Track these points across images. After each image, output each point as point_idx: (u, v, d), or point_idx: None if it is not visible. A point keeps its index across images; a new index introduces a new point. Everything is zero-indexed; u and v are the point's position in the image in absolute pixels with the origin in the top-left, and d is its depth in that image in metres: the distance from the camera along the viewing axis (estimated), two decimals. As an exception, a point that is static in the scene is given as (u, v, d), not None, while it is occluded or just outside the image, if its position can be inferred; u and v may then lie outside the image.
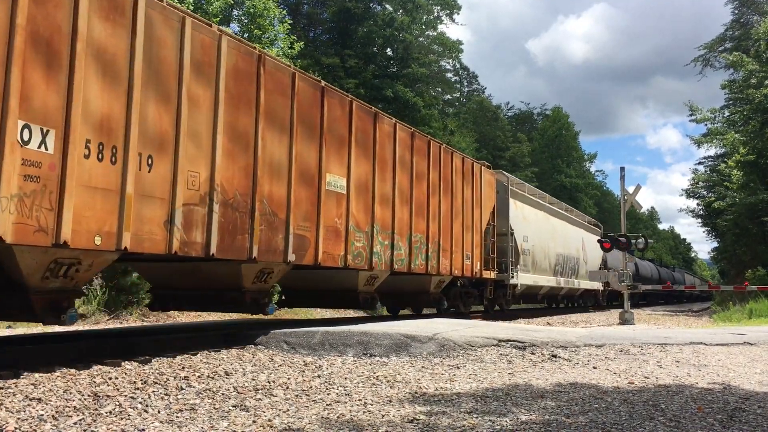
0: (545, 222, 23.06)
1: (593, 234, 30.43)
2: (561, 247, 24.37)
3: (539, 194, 24.28)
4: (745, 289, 21.94)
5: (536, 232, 21.44)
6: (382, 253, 11.87)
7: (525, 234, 20.08)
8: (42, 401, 4.93)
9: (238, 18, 22.81)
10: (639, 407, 5.25)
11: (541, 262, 21.96)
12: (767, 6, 37.89)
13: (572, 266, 26.03)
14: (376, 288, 12.64)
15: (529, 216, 21.23)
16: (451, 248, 14.65)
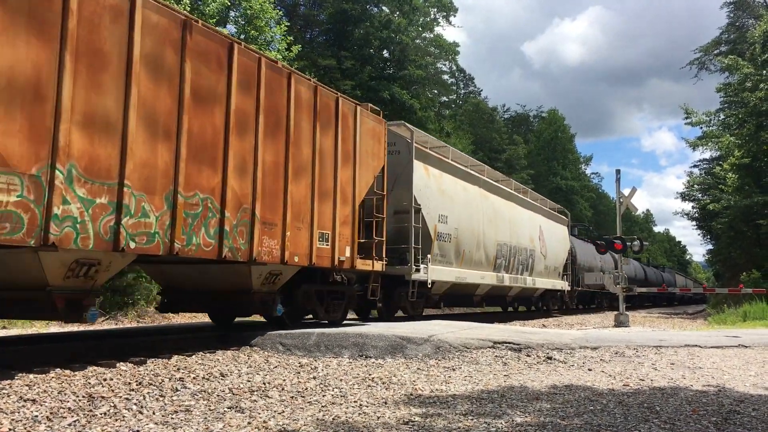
0: (480, 200, 17.37)
1: (557, 222, 25.71)
2: (506, 235, 18.89)
3: (473, 164, 18.58)
4: (739, 291, 21.99)
5: (464, 212, 16.01)
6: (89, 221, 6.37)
7: (442, 213, 14.72)
8: (36, 402, 4.92)
9: (235, 19, 22.79)
10: (634, 409, 5.26)
11: (473, 253, 16.57)
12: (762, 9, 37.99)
13: (524, 260, 20.56)
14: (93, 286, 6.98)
15: (452, 189, 15.64)
16: (283, 223, 9.23)
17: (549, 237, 23.50)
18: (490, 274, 17.84)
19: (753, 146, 29.75)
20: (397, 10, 38.43)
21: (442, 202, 14.91)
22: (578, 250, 29.85)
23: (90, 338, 8.43)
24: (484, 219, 17.39)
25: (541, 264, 22.45)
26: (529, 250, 21.06)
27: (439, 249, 14.69)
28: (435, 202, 14.54)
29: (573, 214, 62.51)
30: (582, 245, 31.76)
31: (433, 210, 14.45)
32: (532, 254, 21.41)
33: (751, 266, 31.19)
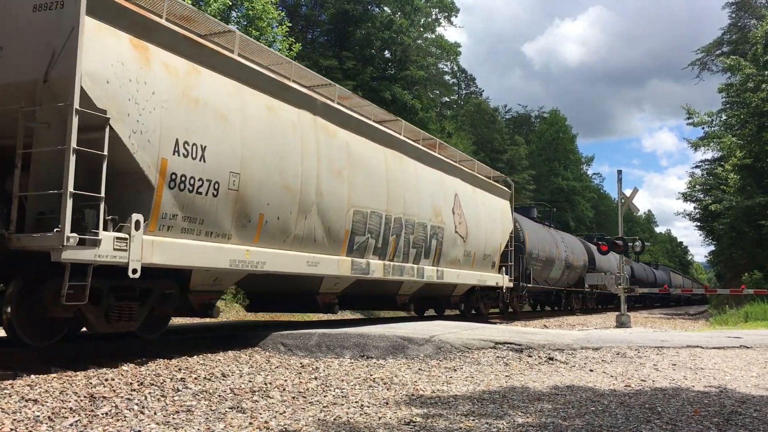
0: (315, 137, 10.16)
1: (491, 194, 17.92)
2: (378, 199, 11.81)
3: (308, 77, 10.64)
4: (741, 292, 21.97)
5: (261, 148, 8.84)
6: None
7: (189, 138, 7.60)
8: (38, 402, 4.92)
9: (237, 20, 22.81)
10: (635, 410, 5.25)
11: (288, 222, 9.44)
12: (764, 10, 37.96)
13: (421, 241, 13.43)
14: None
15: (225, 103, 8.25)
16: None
17: (474, 212, 16.05)
18: (339, 260, 10.72)
19: (755, 147, 29.73)
20: (398, 11, 38.45)
21: (191, 120, 7.64)
22: (528, 235, 22.24)
23: (91, 338, 8.44)
24: (324, 169, 10.16)
25: (457, 249, 15.06)
26: (431, 228, 13.68)
27: (177, 205, 7.47)
28: (163, 115, 7.23)
29: (575, 214, 62.61)
30: (536, 230, 24.14)
31: (156, 128, 7.15)
32: (437, 234, 14.02)
33: (752, 267, 31.18)
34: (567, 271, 26.87)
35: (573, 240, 30.32)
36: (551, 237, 25.78)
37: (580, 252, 29.40)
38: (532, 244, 22.61)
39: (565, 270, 26.48)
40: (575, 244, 29.65)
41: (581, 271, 28.71)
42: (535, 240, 23.04)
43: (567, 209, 61.59)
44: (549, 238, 25.16)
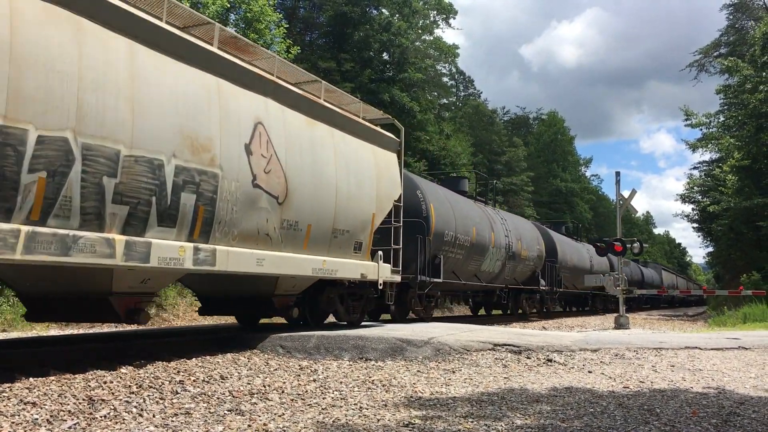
0: None
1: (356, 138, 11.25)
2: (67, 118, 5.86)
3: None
4: (739, 293, 21.99)
5: None
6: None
7: None
8: (37, 405, 4.92)
9: (235, 22, 22.82)
10: (634, 411, 5.26)
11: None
12: (762, 12, 38.03)
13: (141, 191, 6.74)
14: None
15: None
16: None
17: (311, 159, 9.69)
18: None
19: (753, 148, 29.76)
20: (396, 13, 38.47)
21: None
22: (436, 209, 15.34)
23: (90, 341, 8.44)
24: None
25: (259, 216, 8.59)
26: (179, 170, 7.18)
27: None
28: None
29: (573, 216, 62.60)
30: (454, 204, 17.14)
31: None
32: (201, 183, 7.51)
33: (751, 268, 31.19)
34: (511, 264, 20.92)
35: (523, 224, 24.55)
36: (483, 216, 19.31)
37: (531, 239, 23.47)
38: (444, 221, 15.76)
39: (507, 262, 20.46)
40: (525, 229, 23.57)
41: (535, 264, 23.44)
42: (448, 216, 16.17)
43: (566, 211, 61.61)
44: (478, 217, 18.70)
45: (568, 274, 27.30)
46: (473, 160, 46.63)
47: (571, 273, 27.76)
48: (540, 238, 24.48)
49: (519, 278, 22.38)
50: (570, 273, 27.61)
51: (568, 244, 29.02)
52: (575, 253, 29.26)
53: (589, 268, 29.92)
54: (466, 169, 40.17)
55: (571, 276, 27.86)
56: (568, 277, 27.49)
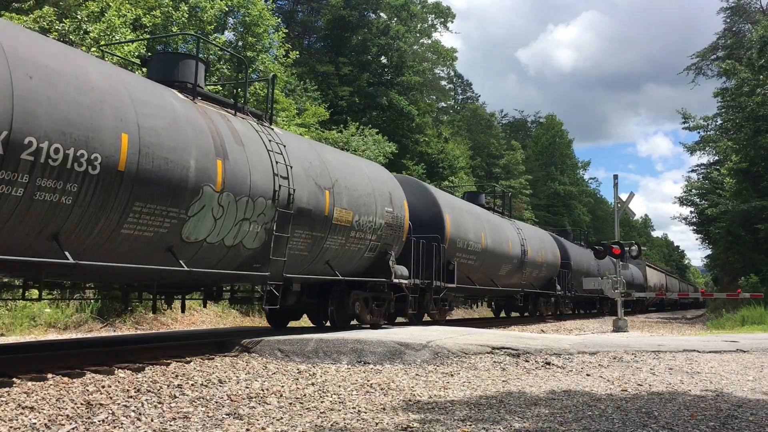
0: None
1: None
2: None
3: None
4: (737, 296, 22.02)
5: None
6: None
7: None
8: (34, 410, 4.91)
9: (234, 26, 22.86)
10: (632, 414, 5.26)
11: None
12: (759, 15, 38.13)
13: None
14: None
15: None
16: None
17: None
18: None
19: (750, 151, 29.82)
20: (394, 17, 38.53)
21: None
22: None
23: (88, 345, 8.43)
24: None
25: None
26: None
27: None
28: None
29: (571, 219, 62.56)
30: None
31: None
32: None
33: (749, 271, 31.22)
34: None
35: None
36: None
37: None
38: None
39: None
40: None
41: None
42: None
43: (564, 214, 61.64)
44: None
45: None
46: (471, 163, 46.68)
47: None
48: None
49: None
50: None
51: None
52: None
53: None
54: (464, 173, 40.22)
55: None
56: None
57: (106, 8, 15.95)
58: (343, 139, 25.55)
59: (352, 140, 25.94)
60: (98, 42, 15.13)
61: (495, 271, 18.93)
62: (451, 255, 15.54)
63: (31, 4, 16.12)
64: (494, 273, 18.94)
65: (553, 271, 24.86)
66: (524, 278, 21.61)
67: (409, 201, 13.78)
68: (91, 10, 15.80)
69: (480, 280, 18.02)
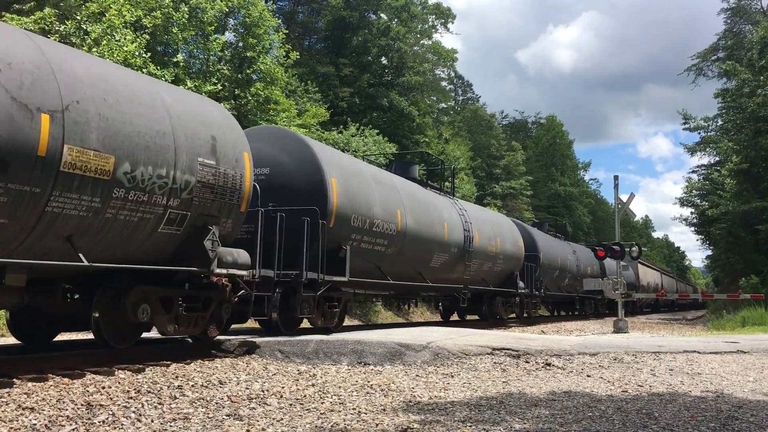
0: None
1: None
2: None
3: None
4: (738, 297, 22.01)
5: None
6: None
7: None
8: (35, 411, 4.91)
9: (234, 27, 22.87)
10: (632, 415, 5.26)
11: None
12: (759, 16, 38.14)
13: None
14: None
15: None
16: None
17: None
18: None
19: (751, 152, 29.82)
20: (395, 18, 38.53)
21: None
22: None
23: (88, 346, 8.42)
24: None
25: None
26: None
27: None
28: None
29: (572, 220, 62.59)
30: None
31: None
32: None
33: (749, 272, 31.22)
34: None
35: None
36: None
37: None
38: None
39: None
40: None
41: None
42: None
43: (565, 215, 61.63)
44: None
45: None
46: (472, 164, 46.66)
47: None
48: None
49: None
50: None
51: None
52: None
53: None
54: (464, 173, 40.20)
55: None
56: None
57: (107, 9, 15.95)
58: (343, 140, 25.55)
59: (352, 141, 25.93)
60: (99, 43, 15.14)
61: (423, 262, 14.79)
62: (341, 237, 11.32)
63: (32, 6, 16.12)
64: (422, 265, 14.79)
65: (515, 264, 20.50)
66: (469, 272, 17.26)
67: (277, 160, 10.85)
68: (91, 11, 15.80)
69: (398, 274, 13.63)
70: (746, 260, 33.48)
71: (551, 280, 25.23)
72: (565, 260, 27.11)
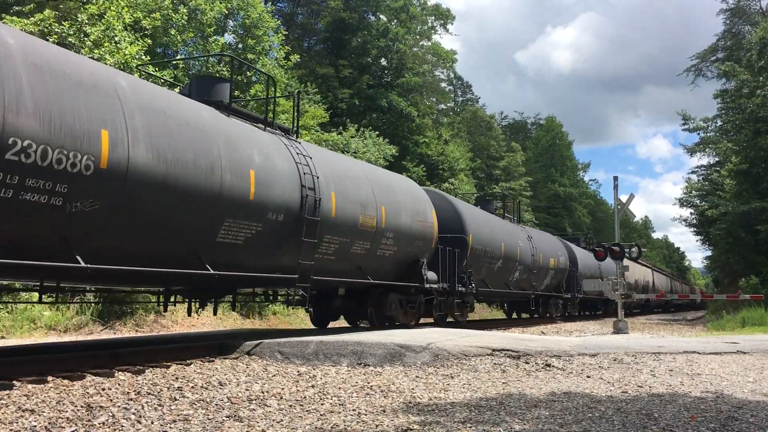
0: None
1: None
2: None
3: None
4: (738, 297, 22.00)
5: None
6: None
7: None
8: (35, 412, 4.91)
9: (234, 29, 22.88)
10: (632, 416, 5.26)
11: None
12: (758, 16, 38.17)
13: None
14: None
15: None
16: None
17: None
18: None
19: (750, 152, 29.82)
20: (394, 19, 38.56)
21: None
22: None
23: (88, 348, 8.42)
24: None
25: None
26: None
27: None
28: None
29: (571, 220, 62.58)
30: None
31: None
32: None
33: (749, 272, 31.21)
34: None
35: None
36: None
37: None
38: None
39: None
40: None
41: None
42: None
43: (564, 216, 61.65)
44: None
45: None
46: (471, 165, 46.68)
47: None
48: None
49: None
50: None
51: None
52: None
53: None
54: (464, 174, 40.19)
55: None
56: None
57: (107, 11, 15.96)
58: (343, 141, 25.56)
59: (351, 142, 25.94)
60: (98, 45, 15.15)
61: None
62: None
63: (32, 8, 16.13)
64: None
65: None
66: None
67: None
68: (91, 13, 15.80)
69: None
70: (746, 261, 33.47)
71: (490, 272, 19.29)
72: (512, 247, 20.90)
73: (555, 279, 25.58)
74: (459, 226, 17.94)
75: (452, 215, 17.63)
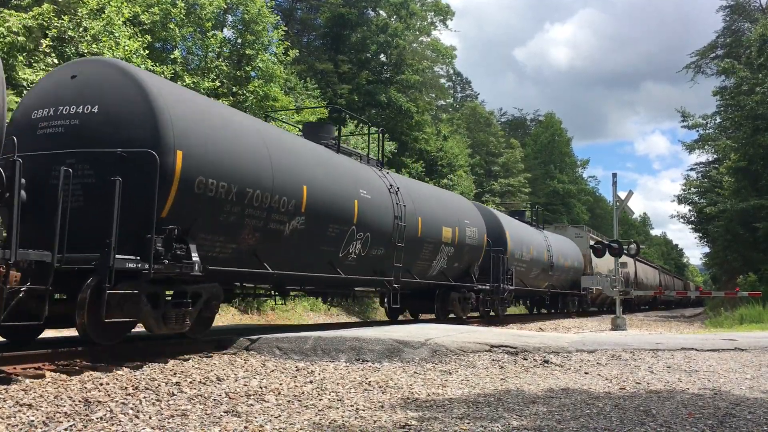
0: None
1: None
2: None
3: None
4: (735, 295, 22.04)
5: None
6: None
7: None
8: (33, 407, 4.91)
9: (233, 24, 22.83)
10: (630, 413, 5.26)
11: None
12: (758, 13, 38.14)
13: None
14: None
15: None
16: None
17: None
18: None
19: (749, 150, 29.84)
20: (394, 15, 38.50)
21: None
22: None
23: (86, 343, 8.42)
24: None
25: None
26: None
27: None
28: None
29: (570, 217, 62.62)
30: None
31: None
32: None
33: (747, 269, 31.25)
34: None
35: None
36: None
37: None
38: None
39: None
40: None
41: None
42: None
43: (563, 212, 61.67)
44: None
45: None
46: (470, 161, 46.67)
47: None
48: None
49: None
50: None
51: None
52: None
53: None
54: (463, 170, 40.18)
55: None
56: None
57: (106, 5, 15.91)
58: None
59: (350, 138, 25.90)
60: (96, 39, 15.11)
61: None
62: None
63: (30, 2, 16.08)
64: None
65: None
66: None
67: None
68: (90, 8, 15.76)
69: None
70: (744, 258, 33.51)
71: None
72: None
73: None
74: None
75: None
